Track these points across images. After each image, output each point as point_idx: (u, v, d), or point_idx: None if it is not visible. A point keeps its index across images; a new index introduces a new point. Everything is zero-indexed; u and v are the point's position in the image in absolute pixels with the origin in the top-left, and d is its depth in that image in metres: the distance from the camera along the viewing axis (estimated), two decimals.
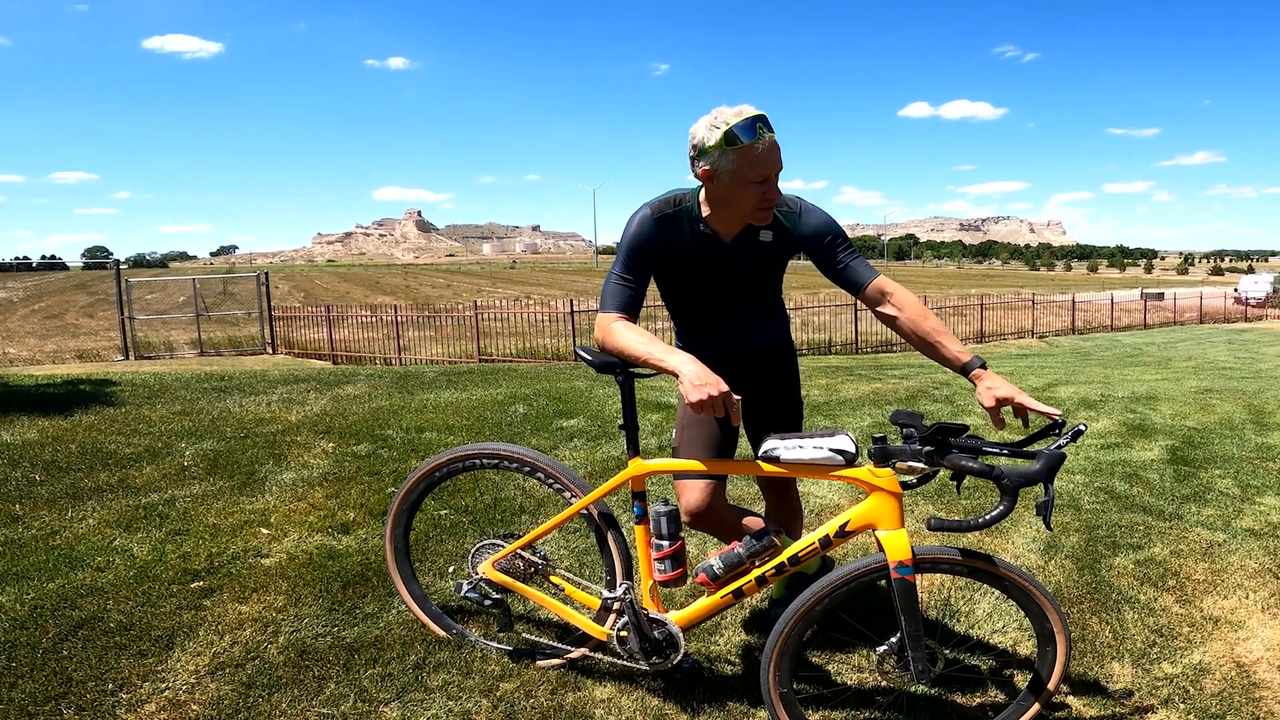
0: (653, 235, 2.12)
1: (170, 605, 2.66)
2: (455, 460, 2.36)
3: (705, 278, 2.21)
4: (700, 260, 2.18)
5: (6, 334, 23.97)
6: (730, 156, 1.95)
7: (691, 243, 2.15)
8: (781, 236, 2.16)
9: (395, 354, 17.01)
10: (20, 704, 2.13)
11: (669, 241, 2.14)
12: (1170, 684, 2.33)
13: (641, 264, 2.13)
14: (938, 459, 1.84)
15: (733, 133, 1.93)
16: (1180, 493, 3.98)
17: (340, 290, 53.99)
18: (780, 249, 2.19)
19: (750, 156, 1.94)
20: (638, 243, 2.12)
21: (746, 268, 2.21)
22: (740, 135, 1.93)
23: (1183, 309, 33.35)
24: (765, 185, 1.99)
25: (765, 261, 2.22)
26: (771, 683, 1.95)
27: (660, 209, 2.13)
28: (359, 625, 2.56)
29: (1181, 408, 6.18)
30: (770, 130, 1.96)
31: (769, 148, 1.95)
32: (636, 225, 2.12)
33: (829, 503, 3.74)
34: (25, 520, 3.37)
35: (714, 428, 2.28)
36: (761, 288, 2.29)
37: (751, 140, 1.93)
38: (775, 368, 2.40)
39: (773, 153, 1.96)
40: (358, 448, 4.54)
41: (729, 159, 1.96)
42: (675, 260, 2.18)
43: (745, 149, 1.94)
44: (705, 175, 2.03)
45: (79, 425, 4.98)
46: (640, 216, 2.13)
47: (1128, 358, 14.48)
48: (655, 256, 2.14)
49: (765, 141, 1.95)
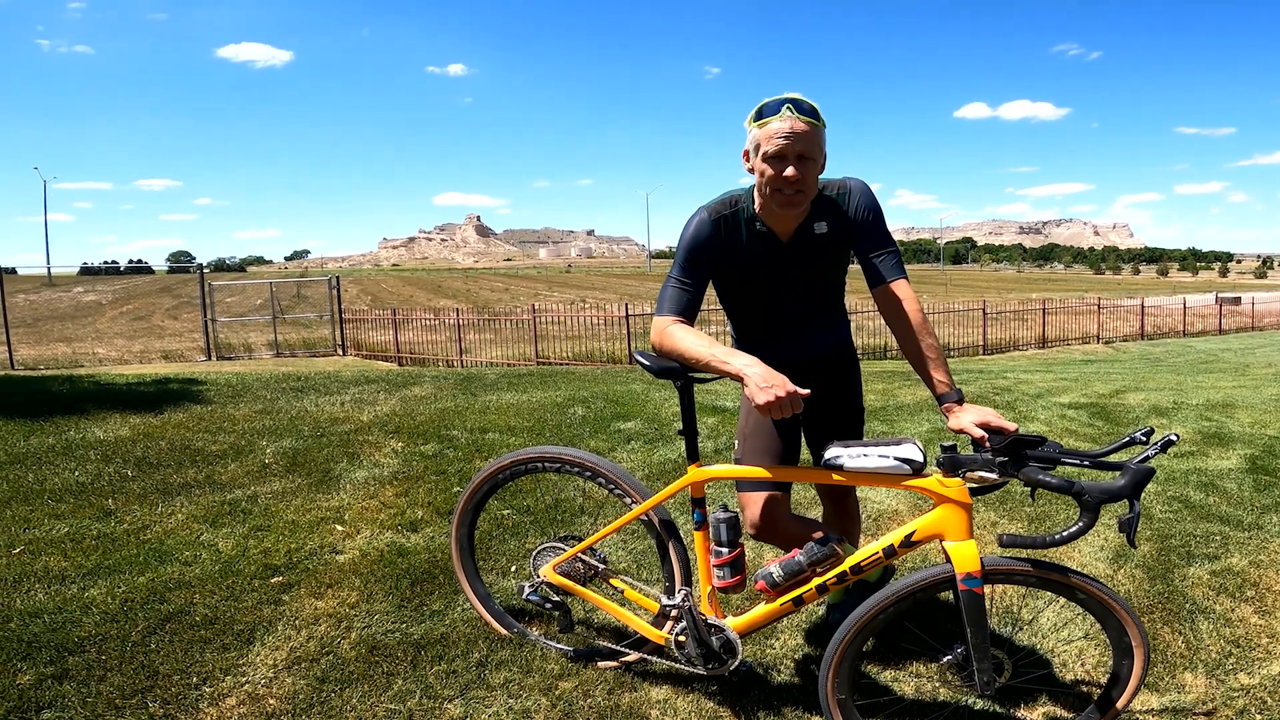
0: (711, 237, 2.13)
1: (252, 600, 2.79)
2: (519, 463, 2.43)
3: (765, 279, 2.20)
4: (759, 261, 2.17)
5: (97, 335, 25.22)
6: (756, 132, 2.00)
7: (750, 243, 2.15)
8: (835, 220, 2.13)
9: (457, 356, 17.37)
10: (108, 697, 2.21)
11: (727, 243, 2.14)
12: (1246, 695, 2.26)
13: (700, 267, 2.13)
14: (1012, 471, 1.77)
15: (761, 109, 1.99)
16: (1260, 503, 3.83)
17: (404, 294, 55.26)
18: (837, 237, 2.15)
19: (770, 130, 1.96)
20: (696, 245, 2.12)
21: (807, 265, 2.18)
22: (766, 111, 1.98)
23: (1261, 314, 31.73)
24: (782, 164, 1.97)
25: (825, 255, 2.18)
26: (830, 690, 1.96)
27: (717, 210, 2.14)
28: (426, 622, 2.65)
29: (1261, 415, 5.92)
30: (801, 114, 1.95)
31: (792, 127, 1.95)
32: (694, 229, 2.13)
33: (887, 508, 3.71)
34: (118, 514, 3.57)
35: (776, 438, 2.25)
36: (823, 287, 2.27)
37: (775, 115, 1.96)
38: (839, 374, 2.38)
39: (795, 133, 1.95)
40: (425, 447, 4.68)
41: (755, 134, 2.00)
42: (734, 262, 2.17)
43: (766, 123, 1.97)
44: (745, 155, 2.07)
45: (168, 423, 5.24)
46: (698, 220, 2.14)
47: (1202, 364, 13.88)
48: (714, 259, 2.14)
49: (787, 119, 1.95)
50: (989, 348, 20.94)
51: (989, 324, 21.44)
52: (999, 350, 21.03)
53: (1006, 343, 21.62)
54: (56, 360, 16.06)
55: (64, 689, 2.24)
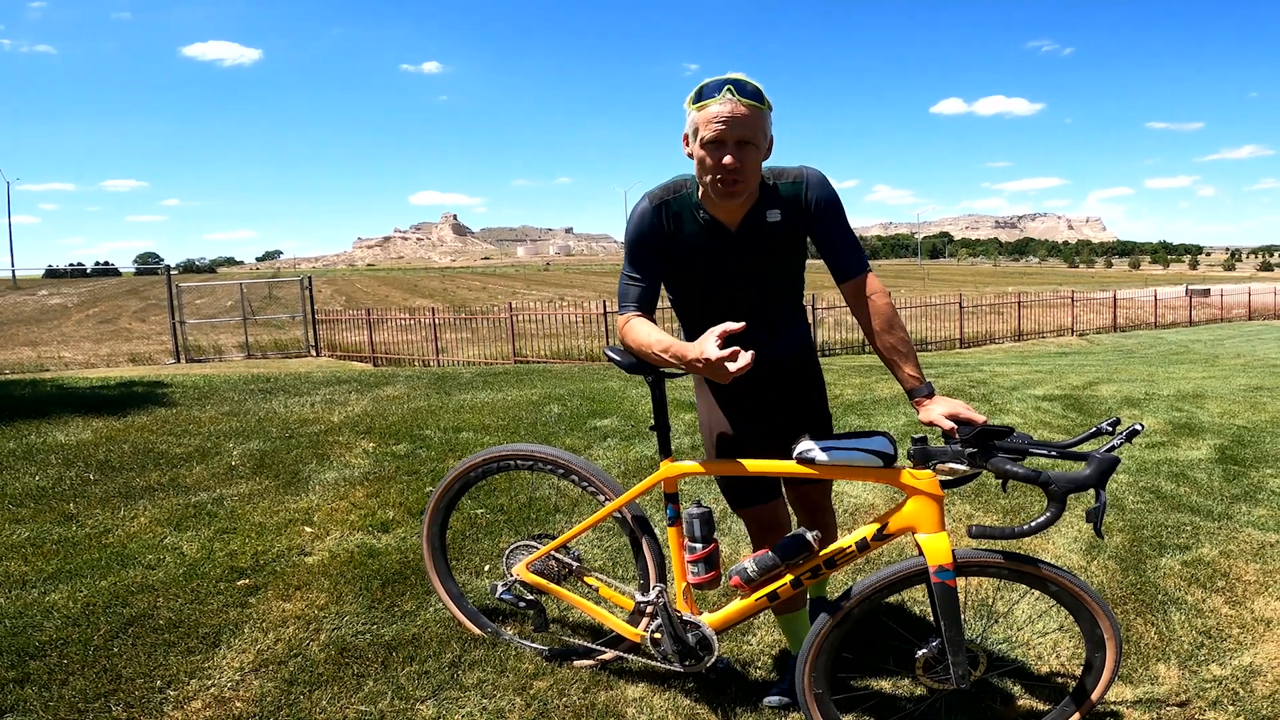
0: (653, 226, 2.03)
1: (217, 603, 2.73)
2: (490, 461, 2.39)
3: (714, 273, 2.07)
4: (706, 253, 2.04)
5: (63, 338, 24.75)
6: (694, 115, 1.89)
7: (695, 233, 2.03)
8: (791, 211, 2.01)
9: (433, 355, 17.24)
10: (71, 701, 2.18)
11: (671, 232, 2.03)
12: (1219, 686, 2.28)
13: (646, 258, 2.04)
14: (981, 462, 1.77)
15: (700, 90, 1.87)
16: (1230, 492, 3.87)
17: (380, 294, 54.81)
18: (792, 229, 2.03)
19: (708, 114, 1.85)
20: (638, 236, 2.04)
21: (759, 258, 2.05)
22: (705, 93, 1.86)
23: (1230, 305, 32.38)
24: (720, 150, 1.85)
25: (778, 247, 2.05)
26: (807, 684, 1.94)
27: (659, 197, 2.03)
28: (397, 623, 2.60)
29: (1230, 406, 6.01)
30: (743, 96, 1.83)
31: (732, 110, 1.83)
32: (636, 219, 2.04)
33: (863, 502, 3.71)
34: (79, 519, 3.48)
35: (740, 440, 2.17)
36: (779, 283, 2.12)
37: (714, 98, 1.84)
38: (802, 378, 2.25)
39: (736, 117, 1.83)
40: (397, 448, 4.61)
41: (692, 117, 1.89)
42: (680, 253, 2.05)
43: (705, 105, 1.86)
44: (685, 140, 1.95)
45: (131, 426, 5.13)
46: (639, 210, 2.04)
47: (1172, 355, 14.11)
48: (658, 248, 2.04)
49: (727, 102, 1.83)
50: (965, 341, 21.16)
51: (965, 318, 21.67)
52: (975, 343, 21.26)
53: (983, 336, 21.87)
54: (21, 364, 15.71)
55: (25, 693, 2.21)
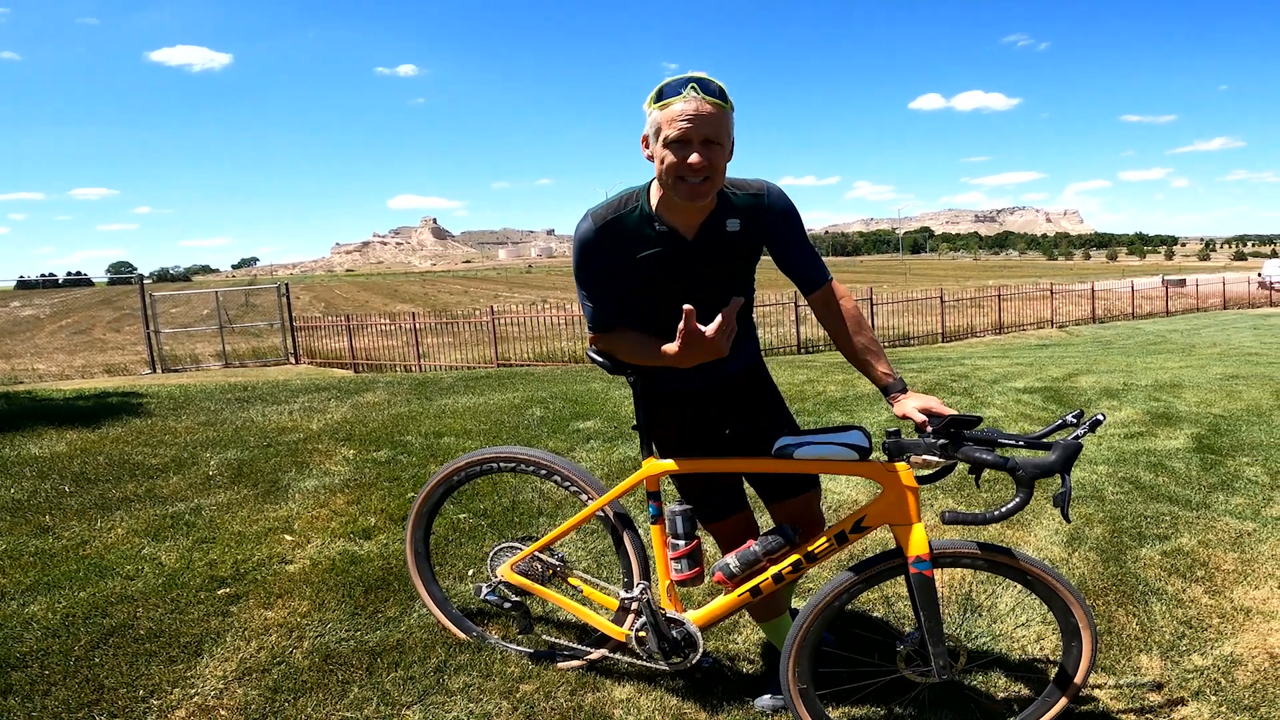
0: (597, 248, 1.93)
1: (198, 612, 2.70)
2: (472, 464, 2.38)
3: (668, 286, 1.97)
4: (660, 265, 1.95)
5: (36, 350, 24.40)
6: (656, 115, 1.81)
7: (647, 246, 1.93)
8: (750, 222, 1.96)
9: (415, 361, 17.13)
10: (54, 711, 2.16)
11: (620, 251, 1.93)
12: (1201, 676, 2.30)
13: (597, 281, 1.96)
14: (952, 452, 1.80)
15: (662, 90, 1.80)
16: (1207, 481, 3.92)
17: (360, 299, 54.45)
18: (751, 239, 1.98)
19: (671, 113, 1.78)
20: (584, 261, 1.95)
21: (716, 267, 1.99)
22: (667, 92, 1.79)
23: (1205, 295, 32.88)
24: (685, 149, 1.78)
25: (734, 256, 1.99)
26: (791, 679, 1.95)
27: (603, 216, 1.93)
28: (381, 629, 2.58)
29: (1207, 395, 6.09)
30: (707, 95, 1.77)
31: (696, 107, 1.76)
32: (580, 243, 1.94)
33: (846, 498, 3.73)
34: (55, 531, 3.43)
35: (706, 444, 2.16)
36: (735, 292, 2.00)
37: (677, 96, 1.77)
38: (755, 389, 2.19)
39: (701, 115, 1.77)
40: (378, 454, 4.58)
41: (655, 117, 1.81)
42: (633, 268, 1.95)
43: (669, 104, 1.78)
44: (645, 142, 1.87)
45: (106, 437, 5.06)
46: (582, 231, 1.93)
47: (1150, 345, 14.29)
48: (607, 268, 1.94)
49: (691, 100, 1.76)
50: (947, 335, 21.33)
51: (947, 312, 21.83)
52: (957, 337, 21.43)
53: (964, 330, 22.05)
54: None
55: (8, 703, 2.19)
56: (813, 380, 7.16)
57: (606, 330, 2.03)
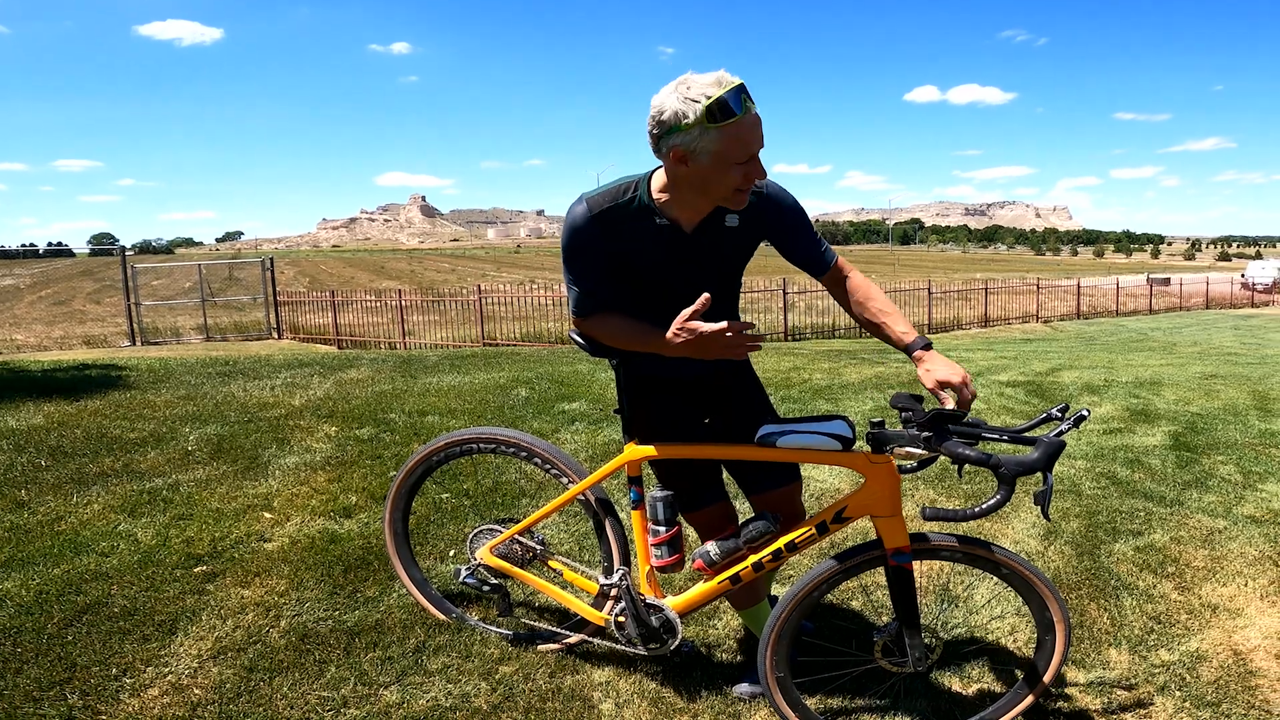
0: (594, 237, 1.88)
1: (174, 590, 2.68)
2: (453, 445, 2.37)
3: (664, 279, 1.96)
4: (658, 259, 1.93)
5: (14, 321, 24.06)
6: (713, 135, 1.68)
7: (645, 239, 1.90)
8: (751, 218, 1.94)
9: (400, 339, 17.05)
10: (25, 689, 2.14)
11: (613, 240, 1.89)
12: (1167, 671, 2.33)
13: (589, 270, 1.92)
14: (935, 445, 1.79)
15: (717, 106, 1.65)
16: (1182, 479, 3.97)
17: (345, 275, 54.03)
18: (749, 233, 1.97)
19: (738, 133, 1.69)
20: (575, 248, 1.90)
21: (714, 261, 1.97)
22: (727, 109, 1.66)
23: (1189, 294, 33.20)
24: (750, 164, 1.75)
25: (734, 250, 1.99)
26: (769, 666, 1.96)
27: (599, 204, 1.88)
28: (360, 609, 2.57)
29: (1185, 393, 6.15)
30: (752, 100, 1.71)
31: (755, 121, 1.71)
32: (571, 229, 1.89)
33: (829, 487, 3.74)
34: (31, 506, 3.40)
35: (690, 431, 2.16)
36: (728, 286, 2.06)
37: (740, 115, 1.67)
38: (736, 378, 2.20)
39: (758, 126, 1.73)
40: (360, 432, 4.56)
41: (712, 137, 1.68)
42: (627, 260, 1.93)
43: (732, 125, 1.67)
44: (678, 157, 1.74)
45: (84, 410, 5.00)
46: (575, 216, 1.88)
47: (1132, 343, 14.42)
48: (600, 255, 1.91)
49: (751, 115, 1.70)
50: (934, 327, 21.44)
51: (934, 304, 21.94)
52: (944, 329, 21.55)
53: (951, 322, 22.17)
54: None
55: None
56: (799, 368, 7.18)
57: (590, 315, 2.01)
